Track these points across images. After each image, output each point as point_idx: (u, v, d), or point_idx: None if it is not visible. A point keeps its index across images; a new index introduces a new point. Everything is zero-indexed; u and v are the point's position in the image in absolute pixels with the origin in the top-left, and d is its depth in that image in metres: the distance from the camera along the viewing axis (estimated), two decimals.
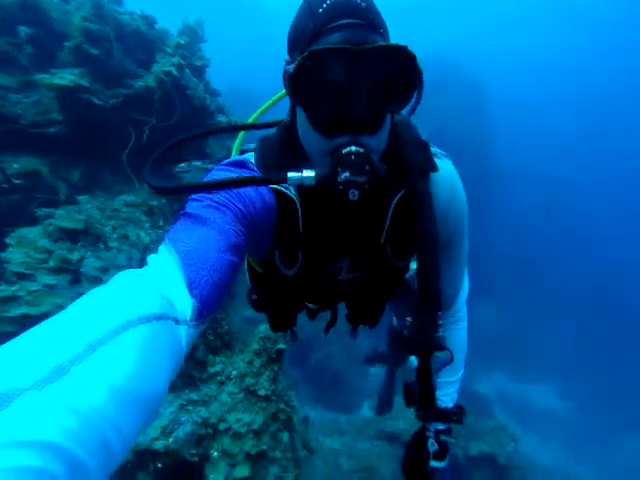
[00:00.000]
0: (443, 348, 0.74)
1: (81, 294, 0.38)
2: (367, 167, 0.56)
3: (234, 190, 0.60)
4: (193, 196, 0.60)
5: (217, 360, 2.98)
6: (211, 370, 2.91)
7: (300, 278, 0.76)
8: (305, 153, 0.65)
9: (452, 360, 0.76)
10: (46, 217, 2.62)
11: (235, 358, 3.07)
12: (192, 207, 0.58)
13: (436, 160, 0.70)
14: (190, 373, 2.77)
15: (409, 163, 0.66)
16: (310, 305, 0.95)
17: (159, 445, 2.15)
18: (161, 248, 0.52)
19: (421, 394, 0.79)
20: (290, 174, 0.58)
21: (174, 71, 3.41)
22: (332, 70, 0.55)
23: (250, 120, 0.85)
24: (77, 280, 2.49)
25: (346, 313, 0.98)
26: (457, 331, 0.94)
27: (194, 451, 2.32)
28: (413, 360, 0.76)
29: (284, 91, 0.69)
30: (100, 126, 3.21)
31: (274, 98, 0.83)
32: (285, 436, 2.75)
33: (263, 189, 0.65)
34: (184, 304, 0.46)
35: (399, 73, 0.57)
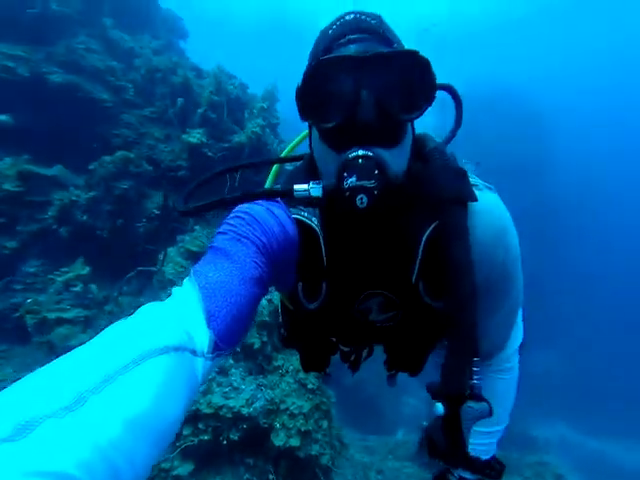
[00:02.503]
0: (479, 398, 0.65)
1: None
2: (376, 171, 0.53)
3: (258, 223, 0.63)
4: (219, 229, 0.64)
5: (279, 357, 3.98)
6: (275, 364, 3.91)
7: (324, 313, 0.73)
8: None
9: (491, 414, 0.67)
10: (179, 241, 3.82)
11: (291, 357, 4.05)
12: (217, 240, 0.61)
13: (476, 191, 0.64)
14: (262, 364, 3.79)
15: (441, 191, 0.62)
16: (343, 348, 0.92)
17: (244, 411, 3.17)
18: (185, 281, 0.55)
19: (447, 448, 0.70)
20: (297, 186, 0.58)
21: (259, 130, 4.56)
22: (336, 80, 0.55)
23: (283, 154, 0.89)
24: None
25: (384, 359, 0.91)
26: (503, 381, 0.85)
27: (265, 420, 3.30)
28: (439, 407, 0.67)
29: None
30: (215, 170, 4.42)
31: (306, 132, 0.84)
32: (325, 423, 3.65)
33: (286, 220, 0.66)
34: (202, 337, 0.48)
35: (408, 79, 0.56)
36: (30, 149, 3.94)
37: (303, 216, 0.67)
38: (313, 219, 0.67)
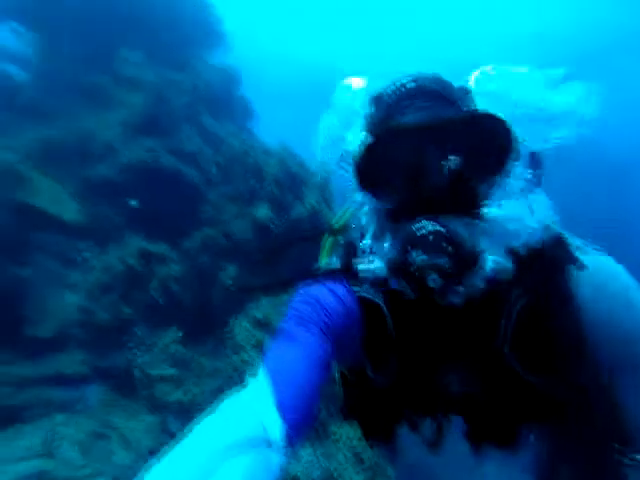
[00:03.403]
0: None
1: None
2: (449, 247, 0.49)
3: (320, 305, 0.64)
4: (286, 313, 0.66)
5: (334, 424, 4.20)
6: (330, 430, 4.14)
7: (396, 388, 0.70)
8: None
9: None
10: (247, 310, 4.47)
11: (346, 425, 4.22)
12: (283, 325, 0.64)
13: (581, 255, 0.58)
14: (317, 430, 4.07)
15: (534, 254, 0.56)
16: (413, 416, 0.83)
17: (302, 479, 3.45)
18: (259, 370, 0.58)
19: None
20: (360, 265, 0.58)
21: (315, 205, 5.08)
22: (399, 149, 0.54)
23: (336, 224, 0.91)
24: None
25: (464, 428, 0.80)
26: None
27: None
28: None
29: None
30: (272, 244, 5.09)
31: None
32: None
33: (348, 299, 0.66)
34: (275, 429, 0.50)
35: (478, 143, 0.53)
36: (143, 227, 5.16)
37: (367, 292, 0.67)
38: (376, 294, 0.66)
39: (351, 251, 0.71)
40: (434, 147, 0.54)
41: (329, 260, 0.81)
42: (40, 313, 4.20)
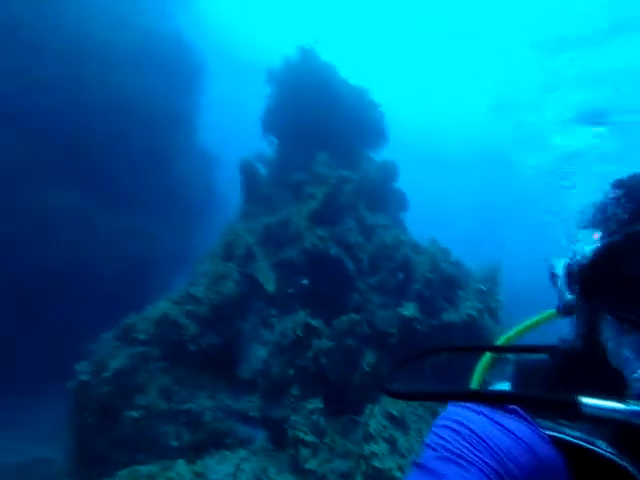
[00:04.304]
0: None
1: None
2: None
3: (480, 440, 0.47)
4: (427, 440, 0.51)
5: None
6: None
7: None
8: (614, 385, 0.47)
9: None
10: (382, 401, 4.89)
11: None
12: (426, 456, 0.49)
13: None
14: None
15: None
16: None
17: None
18: None
19: None
20: (590, 401, 0.43)
21: (474, 313, 5.05)
22: None
23: (502, 340, 0.76)
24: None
25: None
26: None
27: None
28: None
29: (552, 310, 0.57)
30: (419, 346, 5.40)
31: (539, 317, 0.71)
32: None
33: (534, 440, 0.48)
34: None
35: None
36: (309, 303, 6.65)
37: (576, 438, 0.48)
38: (599, 443, 0.47)
39: (535, 377, 0.59)
40: None
41: (487, 380, 0.71)
42: (245, 359, 6.09)
